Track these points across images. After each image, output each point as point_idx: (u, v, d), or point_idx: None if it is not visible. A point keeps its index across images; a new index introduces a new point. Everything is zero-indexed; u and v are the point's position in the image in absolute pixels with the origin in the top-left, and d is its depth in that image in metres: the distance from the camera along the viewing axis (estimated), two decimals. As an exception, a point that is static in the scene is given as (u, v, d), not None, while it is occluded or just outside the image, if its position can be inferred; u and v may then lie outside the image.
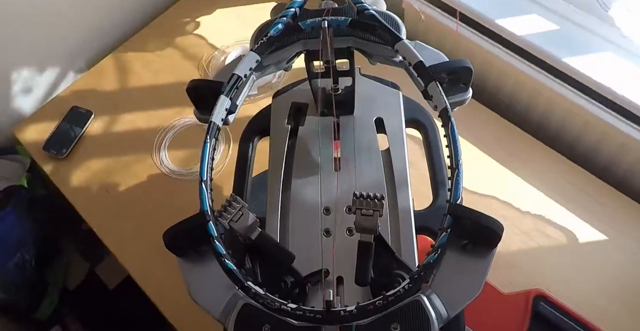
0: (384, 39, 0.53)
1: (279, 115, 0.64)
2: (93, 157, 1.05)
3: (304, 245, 0.54)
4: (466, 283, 0.46)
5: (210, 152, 0.48)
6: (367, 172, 0.59)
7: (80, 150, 1.06)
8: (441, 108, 0.48)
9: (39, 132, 1.08)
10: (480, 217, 0.44)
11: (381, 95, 0.64)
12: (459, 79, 0.53)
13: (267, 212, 0.57)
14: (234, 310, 0.45)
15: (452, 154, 0.46)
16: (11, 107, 1.12)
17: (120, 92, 1.13)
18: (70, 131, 1.06)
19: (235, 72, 0.51)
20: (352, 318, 0.40)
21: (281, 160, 0.61)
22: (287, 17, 0.55)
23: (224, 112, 0.50)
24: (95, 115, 1.09)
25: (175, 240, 0.47)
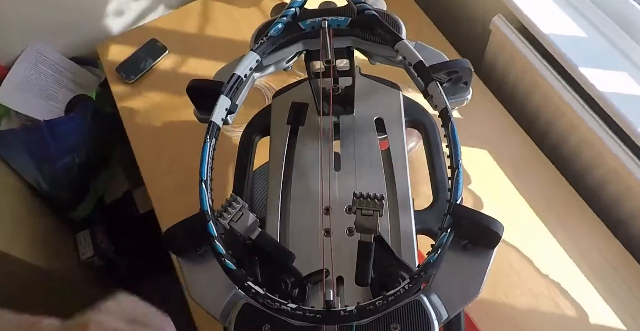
0: (384, 39, 0.53)
1: (279, 115, 0.64)
2: (155, 89, 1.10)
3: (304, 245, 0.54)
4: (466, 283, 0.46)
5: (210, 151, 0.48)
6: (367, 172, 0.59)
7: (146, 81, 1.11)
8: (441, 108, 0.48)
9: (117, 53, 1.15)
10: (481, 217, 0.44)
11: (381, 95, 0.64)
12: (459, 79, 0.53)
13: (267, 212, 0.57)
14: (234, 309, 0.45)
15: (452, 154, 0.46)
16: (102, 23, 1.21)
17: (198, 37, 1.17)
18: (143, 60, 1.13)
19: (235, 72, 0.52)
20: (352, 318, 0.40)
21: (281, 160, 0.61)
22: (288, 16, 0.55)
23: (224, 112, 0.50)
24: (169, 52, 1.14)
25: (175, 239, 0.47)
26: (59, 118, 1.13)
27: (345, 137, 0.62)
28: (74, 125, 1.16)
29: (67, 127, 1.14)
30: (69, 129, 1.15)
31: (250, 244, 0.47)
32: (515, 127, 0.96)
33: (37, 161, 1.14)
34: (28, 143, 1.11)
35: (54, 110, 1.16)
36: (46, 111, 1.15)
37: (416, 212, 0.56)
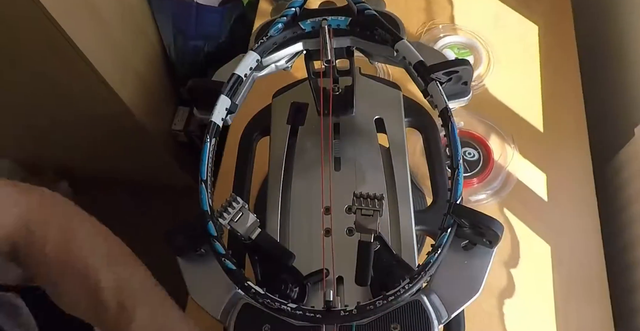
0: (384, 39, 0.53)
1: (279, 115, 0.64)
2: None
3: (304, 245, 0.54)
4: (466, 283, 0.46)
5: (210, 151, 0.48)
6: (367, 171, 0.59)
7: None
8: (441, 108, 0.48)
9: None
10: (481, 217, 0.44)
11: (381, 95, 0.64)
12: (459, 79, 0.53)
13: (267, 212, 0.57)
14: (234, 309, 0.45)
15: (452, 154, 0.46)
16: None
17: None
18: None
19: (235, 72, 0.52)
20: (352, 318, 0.40)
21: (281, 159, 0.61)
22: (288, 16, 0.55)
23: (224, 112, 0.50)
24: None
25: (175, 240, 0.47)
26: (209, 7, 1.24)
27: (346, 137, 0.62)
28: (219, 18, 1.27)
29: (212, 17, 1.26)
30: (213, 19, 1.26)
31: (250, 244, 0.47)
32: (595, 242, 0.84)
33: (176, 31, 1.27)
34: (175, 14, 1.24)
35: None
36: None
37: (416, 212, 0.56)
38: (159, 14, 1.25)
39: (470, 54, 1.02)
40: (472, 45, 1.03)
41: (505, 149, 0.92)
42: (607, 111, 1.02)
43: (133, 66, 1.18)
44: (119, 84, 1.10)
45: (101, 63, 1.02)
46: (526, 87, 0.99)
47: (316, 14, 0.56)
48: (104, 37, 1.06)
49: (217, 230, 0.45)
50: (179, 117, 1.40)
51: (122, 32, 1.12)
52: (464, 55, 1.02)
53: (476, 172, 0.90)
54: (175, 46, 1.29)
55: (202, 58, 1.31)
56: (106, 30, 1.06)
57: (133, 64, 1.18)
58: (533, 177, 0.91)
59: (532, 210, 0.88)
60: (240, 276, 0.42)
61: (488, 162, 0.90)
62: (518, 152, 0.92)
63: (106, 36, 1.06)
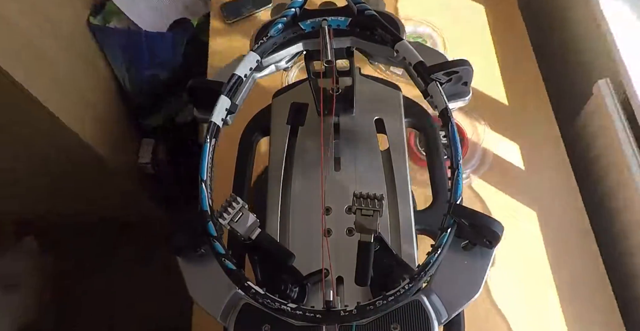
0: (384, 39, 0.53)
1: (279, 115, 0.64)
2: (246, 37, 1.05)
3: (304, 245, 0.54)
4: (466, 284, 0.46)
5: (210, 152, 0.48)
6: (367, 172, 0.59)
7: (243, 27, 1.12)
8: (441, 108, 0.48)
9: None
10: (480, 217, 0.44)
11: (381, 96, 0.64)
12: (459, 79, 0.53)
13: (267, 212, 0.57)
14: (234, 309, 0.45)
15: (452, 154, 0.46)
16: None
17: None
18: (247, 5, 1.14)
19: (235, 72, 0.52)
20: (352, 318, 0.40)
21: (281, 160, 0.61)
22: (287, 17, 0.55)
23: (224, 112, 0.50)
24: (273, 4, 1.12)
25: (175, 240, 0.47)
26: (158, 33, 1.22)
27: (346, 137, 0.62)
28: (170, 43, 1.24)
29: (163, 43, 1.24)
30: (164, 46, 1.24)
31: (250, 244, 0.47)
32: (575, 198, 0.90)
33: (128, 63, 1.24)
34: (125, 46, 1.22)
35: (158, 24, 1.24)
36: (151, 23, 1.23)
37: (416, 212, 0.56)
38: (108, 48, 1.23)
39: (426, 41, 1.06)
40: (426, 33, 1.06)
41: (476, 127, 0.95)
42: (564, 74, 1.07)
43: (88, 102, 1.16)
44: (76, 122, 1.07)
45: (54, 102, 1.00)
46: (484, 64, 1.03)
47: (316, 14, 0.56)
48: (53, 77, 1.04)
49: (217, 230, 0.45)
50: (144, 149, 1.38)
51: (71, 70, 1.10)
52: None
53: (453, 153, 0.92)
54: (129, 77, 1.27)
55: (158, 86, 1.30)
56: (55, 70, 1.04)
57: (88, 99, 1.16)
58: (507, 149, 0.95)
59: (513, 180, 0.92)
60: (240, 277, 0.42)
61: (462, 142, 0.93)
62: (489, 128, 0.95)
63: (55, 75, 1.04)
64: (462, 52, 1.00)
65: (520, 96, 0.99)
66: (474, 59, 0.98)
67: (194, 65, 1.27)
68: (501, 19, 1.08)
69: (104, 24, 1.21)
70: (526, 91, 1.00)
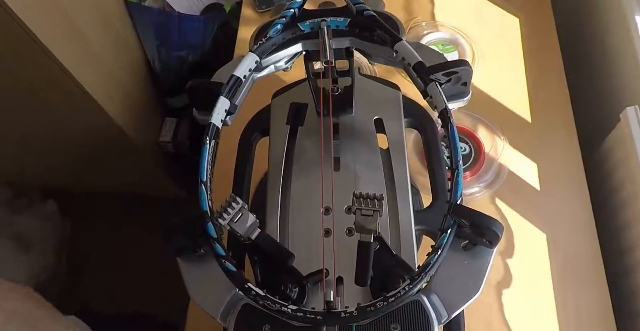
0: (384, 40, 0.53)
1: (278, 115, 0.64)
2: None
3: (304, 245, 0.54)
4: (466, 284, 0.46)
5: (210, 153, 0.48)
6: (367, 172, 0.59)
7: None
8: (441, 108, 0.48)
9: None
10: (480, 217, 0.44)
11: (381, 96, 0.64)
12: (458, 79, 0.53)
13: (267, 212, 0.57)
14: (234, 310, 0.45)
15: (451, 155, 0.46)
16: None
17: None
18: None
19: (234, 73, 0.52)
20: (353, 319, 0.40)
21: (280, 160, 0.61)
22: (287, 17, 0.55)
23: (224, 113, 0.50)
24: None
25: (175, 241, 0.47)
26: (191, 16, 1.23)
27: (345, 137, 0.62)
28: (201, 27, 1.25)
29: (194, 26, 1.25)
30: (195, 29, 1.25)
31: (250, 244, 0.47)
32: (589, 226, 0.86)
33: (159, 43, 1.25)
34: (157, 25, 1.22)
35: (192, 7, 1.25)
36: (185, 5, 1.24)
37: (416, 212, 0.56)
38: (141, 26, 1.23)
39: (455, 49, 1.04)
40: (455, 41, 1.04)
41: (495, 141, 0.93)
42: (592, 98, 1.04)
43: (118, 80, 1.17)
44: (105, 99, 1.09)
45: (86, 78, 1.01)
46: (511, 78, 1.00)
47: (315, 15, 0.56)
48: (87, 52, 1.05)
49: (217, 232, 0.45)
50: (166, 128, 1.40)
51: (104, 46, 1.11)
52: (448, 51, 1.03)
53: (468, 165, 0.91)
54: (159, 57, 1.28)
55: (186, 68, 1.31)
56: (88, 46, 1.05)
57: (118, 77, 1.17)
58: (524, 167, 0.92)
59: (526, 199, 0.89)
60: (240, 278, 0.42)
61: (479, 155, 0.91)
62: (508, 144, 0.93)
63: (89, 51, 1.05)
64: (491, 64, 1.01)
65: (545, 115, 0.96)
66: (503, 72, 1.00)
67: (222, 51, 1.28)
68: (535, 34, 1.05)
69: (140, 1, 1.22)
70: (552, 110, 0.97)
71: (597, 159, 0.93)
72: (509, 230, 0.86)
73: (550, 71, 1.01)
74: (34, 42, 0.87)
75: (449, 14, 1.08)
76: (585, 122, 0.98)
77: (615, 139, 0.86)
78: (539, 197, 0.90)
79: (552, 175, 0.91)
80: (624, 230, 0.85)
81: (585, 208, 0.88)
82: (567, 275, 0.83)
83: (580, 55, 1.09)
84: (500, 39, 1.05)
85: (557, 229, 0.87)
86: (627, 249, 0.83)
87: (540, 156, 0.93)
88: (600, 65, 1.03)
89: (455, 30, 1.05)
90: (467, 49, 1.03)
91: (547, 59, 1.02)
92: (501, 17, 1.08)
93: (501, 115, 0.96)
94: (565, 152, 0.93)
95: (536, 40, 1.05)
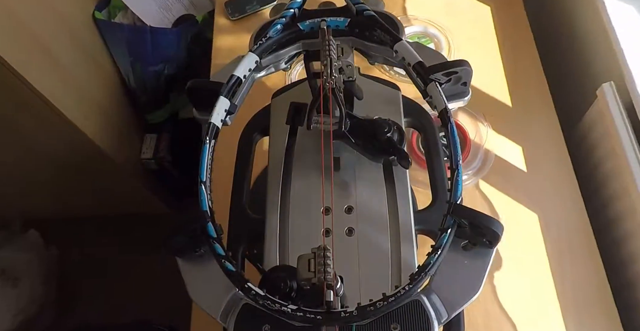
0: (383, 40, 0.53)
1: (278, 115, 0.64)
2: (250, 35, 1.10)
3: (304, 245, 0.54)
4: (466, 283, 0.46)
5: (209, 152, 0.48)
6: (367, 172, 0.59)
7: (247, 24, 1.11)
8: (440, 108, 0.48)
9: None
10: (480, 217, 0.44)
11: (380, 96, 0.64)
12: (458, 79, 0.53)
13: (267, 212, 0.57)
14: (234, 310, 0.45)
15: (451, 155, 0.46)
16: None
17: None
18: (251, 3, 1.13)
19: (234, 73, 0.52)
20: (352, 319, 0.40)
21: (280, 160, 0.61)
22: (286, 17, 0.55)
23: (224, 113, 0.50)
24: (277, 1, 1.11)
25: (174, 241, 0.47)
26: (163, 29, 1.23)
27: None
28: (174, 39, 1.25)
29: (168, 39, 1.24)
30: (169, 41, 1.24)
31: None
32: (577, 202, 0.88)
33: (133, 59, 1.24)
34: (130, 41, 1.21)
35: (163, 20, 1.25)
36: (157, 19, 1.24)
37: (416, 212, 0.56)
38: (113, 44, 1.22)
39: (431, 41, 1.05)
40: (430, 34, 1.05)
41: (479, 128, 0.94)
42: (568, 78, 1.06)
43: (93, 99, 1.16)
44: (81, 118, 1.08)
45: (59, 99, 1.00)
46: (489, 66, 1.02)
47: (315, 14, 0.56)
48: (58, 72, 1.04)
49: (217, 231, 0.45)
50: (147, 144, 1.38)
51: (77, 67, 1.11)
52: (425, 43, 1.04)
53: (455, 154, 0.92)
54: (133, 73, 1.27)
55: (162, 82, 1.30)
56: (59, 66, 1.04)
57: (92, 96, 1.16)
58: (509, 151, 0.94)
59: (514, 182, 0.91)
60: (240, 278, 0.42)
61: (465, 143, 0.92)
62: (492, 129, 0.94)
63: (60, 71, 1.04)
64: (467, 53, 1.01)
65: (524, 98, 0.99)
66: (479, 60, 0.99)
67: (198, 62, 1.28)
68: (507, 21, 1.07)
69: (109, 18, 1.21)
70: (530, 93, 0.99)
71: (579, 136, 0.96)
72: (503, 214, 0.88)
73: (525, 55, 1.03)
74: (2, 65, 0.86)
75: (420, 8, 1.09)
76: (563, 101, 1.00)
77: (594, 115, 0.89)
78: (526, 178, 0.92)
79: (537, 156, 0.93)
80: (611, 202, 0.87)
81: (571, 185, 0.90)
82: (562, 249, 0.85)
83: (553, 37, 1.11)
84: (474, 28, 1.07)
85: (547, 208, 0.88)
86: (615, 220, 0.86)
87: (524, 139, 0.95)
88: (573, 45, 1.05)
89: (428, 23, 1.06)
90: (443, 40, 1.04)
91: (521, 44, 1.04)
92: (472, 7, 1.09)
93: (482, 102, 0.98)
94: (547, 132, 0.95)
95: (509, 26, 1.07)
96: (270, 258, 0.54)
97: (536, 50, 1.03)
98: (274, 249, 0.54)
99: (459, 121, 0.94)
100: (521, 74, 1.01)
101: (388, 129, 0.53)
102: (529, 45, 1.04)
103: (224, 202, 0.59)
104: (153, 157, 1.36)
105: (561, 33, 1.09)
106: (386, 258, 0.52)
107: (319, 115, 0.54)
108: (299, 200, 0.58)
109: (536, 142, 0.95)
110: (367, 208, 0.56)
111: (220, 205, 0.51)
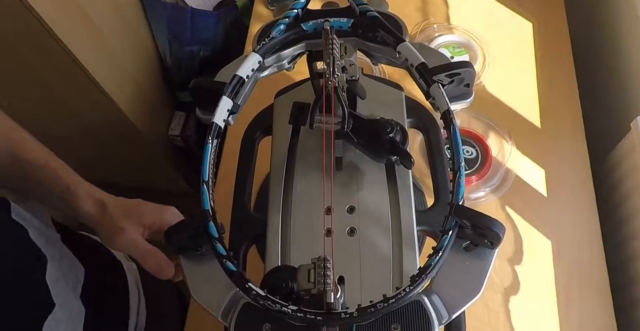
0: (387, 40, 0.53)
1: (281, 115, 0.64)
2: None
3: (305, 245, 0.54)
4: (467, 284, 0.46)
5: (212, 152, 0.48)
6: (369, 171, 0.59)
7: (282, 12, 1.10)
8: (443, 110, 0.48)
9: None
10: (482, 218, 0.44)
11: (383, 96, 0.64)
12: (461, 81, 0.53)
13: (269, 212, 0.57)
14: (235, 308, 0.45)
15: (453, 156, 0.46)
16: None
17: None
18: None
19: (237, 73, 0.52)
20: (353, 320, 0.40)
21: (283, 159, 0.61)
22: (290, 18, 0.55)
23: (226, 113, 0.51)
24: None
25: (176, 239, 0.47)
26: (204, 11, 1.26)
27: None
28: (214, 22, 1.28)
29: (207, 21, 1.27)
30: (208, 24, 1.28)
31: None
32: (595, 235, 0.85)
33: (171, 37, 1.28)
34: (171, 19, 1.25)
35: (205, 2, 1.28)
36: (199, 1, 1.27)
37: (418, 213, 0.56)
38: (154, 21, 1.24)
39: (466, 52, 1.03)
40: (467, 44, 1.04)
41: (503, 146, 0.92)
42: (603, 105, 1.03)
43: (130, 73, 1.18)
44: (117, 91, 1.10)
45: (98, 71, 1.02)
46: (522, 83, 0.99)
47: (318, 15, 0.56)
48: (100, 45, 1.06)
49: (219, 231, 0.45)
50: (176, 121, 1.41)
51: (117, 39, 1.12)
52: (459, 54, 1.03)
53: (475, 169, 0.90)
54: (170, 52, 1.29)
55: (197, 63, 1.32)
56: (102, 38, 1.06)
57: (129, 70, 1.18)
58: (532, 173, 0.91)
59: (532, 205, 0.89)
60: (241, 278, 0.43)
61: (486, 159, 0.91)
62: (516, 148, 0.92)
63: (102, 44, 1.06)
64: (502, 67, 1.00)
65: (554, 121, 0.96)
66: (512, 75, 1.00)
67: (234, 47, 1.30)
68: (548, 39, 1.04)
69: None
70: (561, 116, 0.96)
71: (606, 168, 0.92)
72: (516, 236, 0.86)
73: (562, 77, 1.00)
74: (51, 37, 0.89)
75: (461, 17, 1.07)
76: (594, 129, 0.97)
77: (625, 148, 0.85)
78: (545, 203, 0.89)
79: (560, 181, 0.90)
80: (630, 240, 0.84)
81: (592, 217, 0.87)
82: (572, 283, 0.82)
83: (592, 62, 1.08)
84: (513, 43, 1.04)
85: (563, 237, 0.86)
86: (631, 259, 0.83)
87: (548, 162, 0.92)
88: (612, 72, 1.01)
89: (467, 34, 1.04)
90: (479, 52, 1.02)
91: (559, 65, 1.01)
92: (514, 22, 1.07)
93: (510, 120, 0.95)
94: (573, 159, 0.92)
95: (548, 45, 1.04)
96: (272, 258, 0.54)
97: (574, 72, 1.00)
98: (276, 249, 0.54)
99: (484, 138, 0.92)
100: (554, 95, 0.98)
101: (391, 129, 0.53)
102: (567, 66, 1.01)
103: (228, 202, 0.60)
104: (180, 134, 1.39)
105: (603, 58, 1.06)
106: (387, 259, 0.52)
107: (322, 115, 0.54)
108: (301, 200, 0.58)
109: (561, 167, 0.91)
110: (369, 209, 0.56)
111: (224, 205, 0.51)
